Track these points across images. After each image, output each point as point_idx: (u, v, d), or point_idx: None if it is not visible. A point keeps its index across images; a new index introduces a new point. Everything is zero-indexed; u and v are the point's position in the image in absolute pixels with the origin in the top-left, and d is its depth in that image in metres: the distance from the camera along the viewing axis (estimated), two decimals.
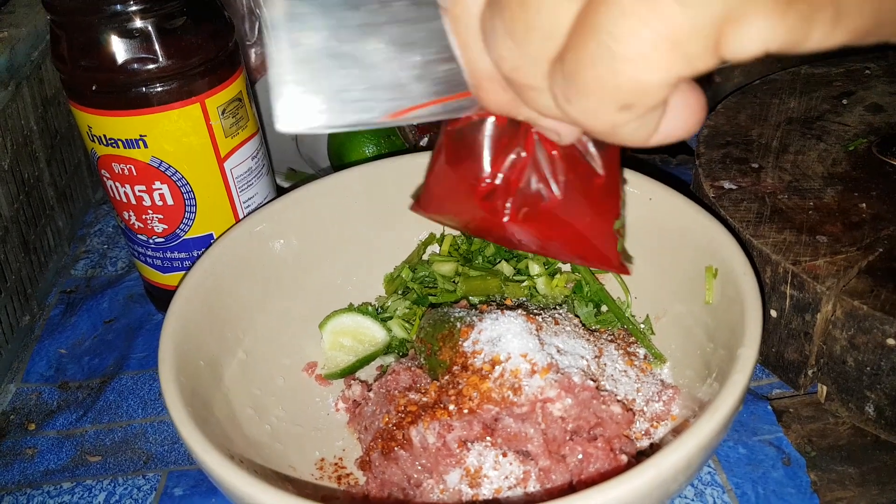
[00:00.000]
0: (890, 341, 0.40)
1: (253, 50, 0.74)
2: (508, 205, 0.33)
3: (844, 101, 0.58)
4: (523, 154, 0.32)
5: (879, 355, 0.40)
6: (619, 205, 0.35)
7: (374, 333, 0.49)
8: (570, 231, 0.34)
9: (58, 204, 0.65)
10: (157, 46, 0.44)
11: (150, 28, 0.43)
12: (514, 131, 0.32)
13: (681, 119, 0.24)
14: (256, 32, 0.73)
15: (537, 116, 0.26)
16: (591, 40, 0.20)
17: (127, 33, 0.43)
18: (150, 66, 0.44)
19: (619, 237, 0.36)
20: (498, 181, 0.33)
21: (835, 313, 0.42)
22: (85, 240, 0.68)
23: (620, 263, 0.37)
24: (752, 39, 0.20)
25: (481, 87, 0.26)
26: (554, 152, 0.32)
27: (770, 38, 0.20)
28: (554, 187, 0.32)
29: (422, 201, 0.38)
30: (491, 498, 0.36)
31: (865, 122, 0.55)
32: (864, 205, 0.47)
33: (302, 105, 0.27)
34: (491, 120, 0.32)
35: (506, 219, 0.34)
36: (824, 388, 0.44)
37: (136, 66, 0.44)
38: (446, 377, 0.40)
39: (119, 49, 0.43)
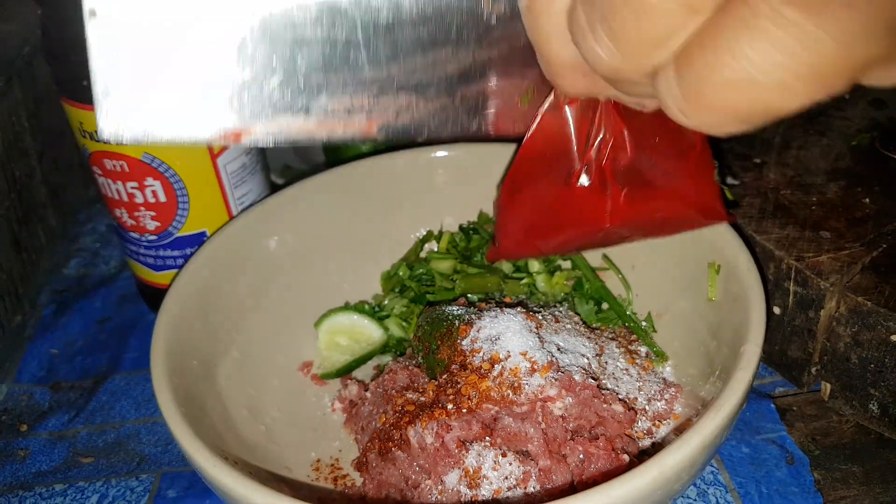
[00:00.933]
0: (894, 338, 0.39)
1: None
2: (609, 193, 0.32)
3: (847, 96, 0.57)
4: (608, 136, 0.30)
5: (884, 352, 0.40)
6: (711, 154, 0.33)
7: (370, 332, 0.49)
8: (675, 197, 0.33)
9: (50, 202, 0.64)
10: None
11: None
12: (589, 117, 0.30)
13: None
14: None
15: (625, 95, 0.26)
16: (725, 63, 0.20)
17: None
18: None
19: (720, 186, 0.35)
20: (588, 176, 0.31)
21: (838, 310, 0.41)
22: (77, 238, 0.67)
23: (726, 212, 0.36)
24: (884, 80, 0.20)
25: (561, 76, 0.26)
26: (636, 122, 0.30)
27: None
28: (647, 158, 0.31)
29: (501, 246, 0.37)
30: (490, 499, 0.35)
31: (868, 117, 0.54)
32: (867, 200, 0.47)
33: (129, 114, 0.25)
34: (564, 114, 0.31)
35: (609, 209, 0.32)
36: (828, 385, 0.44)
37: None
38: (444, 376, 0.39)
39: None
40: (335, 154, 0.63)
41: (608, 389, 0.39)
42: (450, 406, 0.37)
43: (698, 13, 0.20)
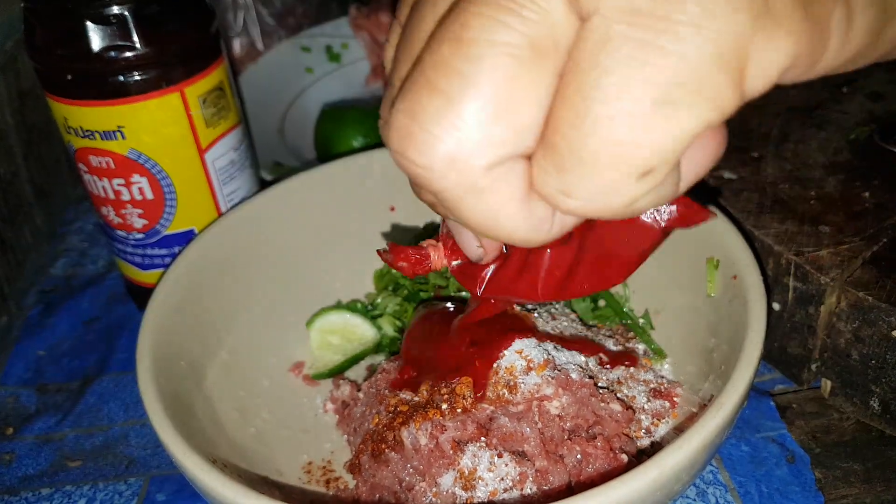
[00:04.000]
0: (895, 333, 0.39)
1: (237, 41, 0.72)
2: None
3: (844, 90, 0.57)
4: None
5: (885, 348, 0.39)
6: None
7: (363, 331, 0.48)
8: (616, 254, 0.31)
9: (36, 201, 0.63)
10: (134, 33, 0.42)
11: (127, 14, 0.42)
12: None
13: (698, 163, 0.21)
14: (241, 23, 0.71)
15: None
16: (586, 114, 0.19)
17: (103, 20, 0.42)
18: (128, 54, 0.42)
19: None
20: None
21: (839, 305, 0.40)
22: (64, 238, 0.66)
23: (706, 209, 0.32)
24: (774, 61, 0.18)
25: (524, 239, 0.23)
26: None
27: (793, 52, 0.18)
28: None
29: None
30: (486, 501, 0.35)
31: (866, 110, 0.54)
32: (866, 194, 0.46)
33: None
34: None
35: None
36: (828, 382, 0.43)
37: (112, 54, 0.42)
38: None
39: (95, 36, 0.42)
40: (326, 149, 0.62)
41: (605, 388, 0.39)
42: (444, 406, 0.36)
43: (546, 60, 0.19)
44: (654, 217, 0.28)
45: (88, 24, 0.42)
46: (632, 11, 0.18)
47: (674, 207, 0.28)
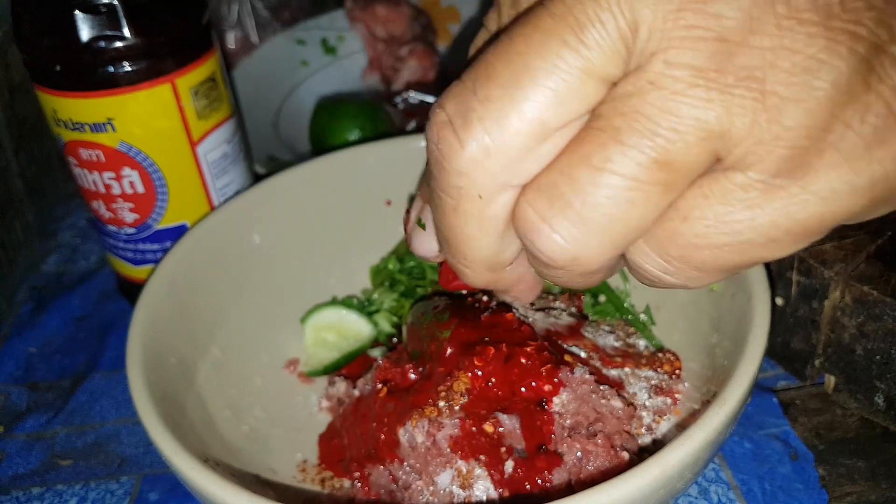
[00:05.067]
0: None
1: (231, 33, 0.71)
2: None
3: None
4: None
5: (890, 343, 0.39)
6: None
7: (359, 328, 0.47)
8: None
9: (27, 197, 0.62)
10: (124, 23, 0.41)
11: (116, 4, 0.41)
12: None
13: None
14: (235, 15, 0.70)
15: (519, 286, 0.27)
16: (714, 232, 0.21)
17: (91, 9, 0.41)
18: (117, 45, 0.42)
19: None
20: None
21: (843, 300, 0.40)
22: (56, 234, 0.65)
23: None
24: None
25: (471, 269, 0.25)
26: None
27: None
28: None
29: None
30: (484, 500, 0.34)
31: None
32: None
33: None
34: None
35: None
36: (832, 378, 0.43)
37: (101, 44, 0.41)
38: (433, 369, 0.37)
39: (84, 26, 0.41)
40: (321, 143, 0.62)
41: (606, 384, 0.38)
42: (441, 403, 0.35)
43: (673, 191, 0.20)
44: None
45: (77, 13, 0.41)
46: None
47: None
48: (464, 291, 0.46)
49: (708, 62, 0.19)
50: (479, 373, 0.36)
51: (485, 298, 0.43)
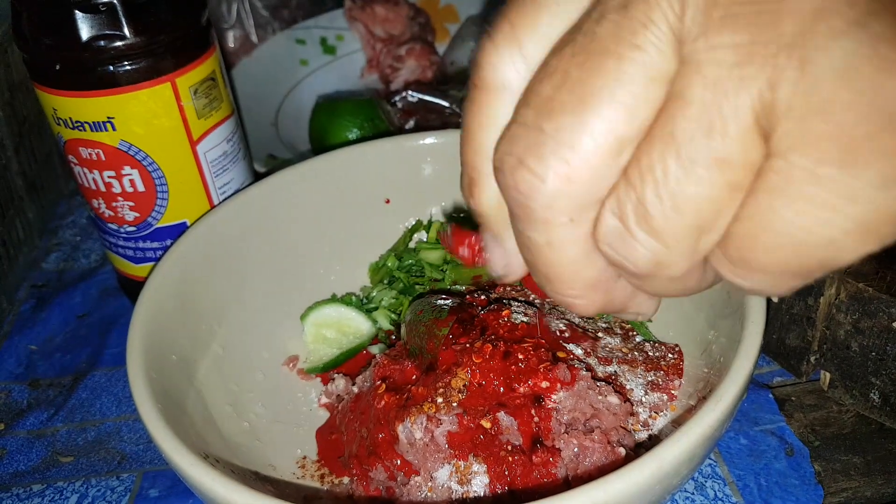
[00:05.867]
0: None
1: (231, 33, 0.71)
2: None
3: None
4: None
5: (885, 339, 0.39)
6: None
7: (358, 325, 0.48)
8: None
9: (27, 194, 0.62)
10: (123, 22, 0.41)
11: (116, 3, 0.41)
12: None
13: None
14: (234, 14, 0.70)
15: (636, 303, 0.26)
16: (768, 231, 0.19)
17: (91, 8, 0.41)
18: (117, 43, 0.42)
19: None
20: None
21: (839, 296, 0.40)
22: (56, 232, 0.65)
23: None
24: None
25: (584, 298, 0.24)
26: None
27: None
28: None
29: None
30: (482, 495, 0.34)
31: None
32: None
33: None
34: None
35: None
36: (827, 374, 0.43)
37: (101, 43, 0.42)
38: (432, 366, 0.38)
39: (84, 25, 0.41)
40: (321, 142, 0.62)
41: (603, 380, 0.38)
42: (439, 400, 0.36)
43: (739, 191, 0.19)
44: None
45: (77, 12, 0.41)
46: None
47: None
48: (463, 288, 0.47)
49: (747, 36, 0.18)
50: (477, 369, 0.36)
51: (482, 297, 0.43)
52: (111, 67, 0.42)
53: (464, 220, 0.50)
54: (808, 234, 0.19)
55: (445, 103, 0.66)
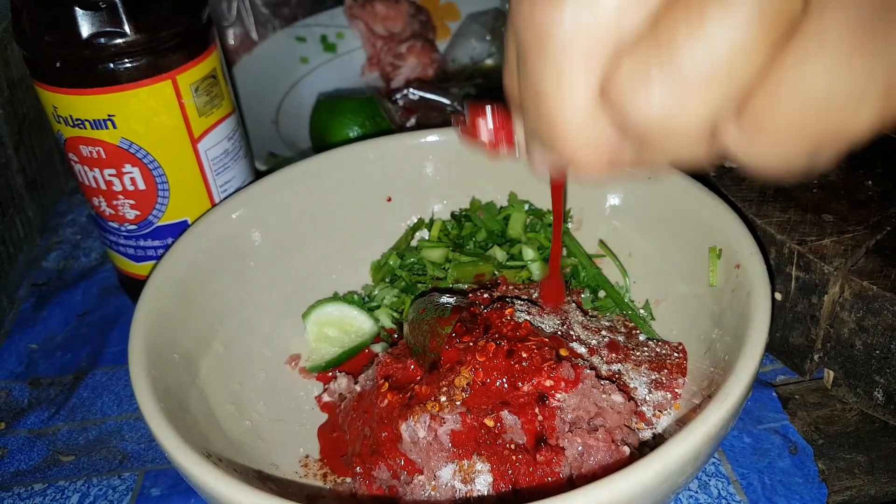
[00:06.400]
0: None
1: (231, 30, 0.71)
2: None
3: None
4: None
5: (889, 338, 0.39)
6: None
7: (360, 323, 0.47)
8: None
9: (27, 193, 0.62)
10: (124, 19, 0.41)
11: (116, 0, 0.41)
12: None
13: None
14: (235, 12, 0.70)
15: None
16: (786, 91, 0.19)
17: (92, 5, 0.41)
18: (118, 41, 0.41)
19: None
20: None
21: (842, 295, 0.40)
22: (57, 230, 0.65)
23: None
24: None
25: (585, 152, 0.23)
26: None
27: None
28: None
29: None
30: (486, 494, 0.34)
31: None
32: (869, 182, 0.46)
33: None
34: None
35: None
36: (831, 373, 0.43)
37: (102, 40, 0.41)
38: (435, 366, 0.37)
39: (84, 23, 0.41)
40: (321, 140, 0.62)
41: (607, 379, 0.38)
42: (443, 398, 0.35)
43: (771, 46, 0.19)
44: None
45: (77, 9, 0.41)
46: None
47: None
48: (465, 286, 0.46)
49: None
50: (481, 368, 0.36)
51: (485, 295, 0.43)
52: (112, 65, 0.42)
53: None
54: (831, 94, 0.18)
55: (446, 101, 0.66)
